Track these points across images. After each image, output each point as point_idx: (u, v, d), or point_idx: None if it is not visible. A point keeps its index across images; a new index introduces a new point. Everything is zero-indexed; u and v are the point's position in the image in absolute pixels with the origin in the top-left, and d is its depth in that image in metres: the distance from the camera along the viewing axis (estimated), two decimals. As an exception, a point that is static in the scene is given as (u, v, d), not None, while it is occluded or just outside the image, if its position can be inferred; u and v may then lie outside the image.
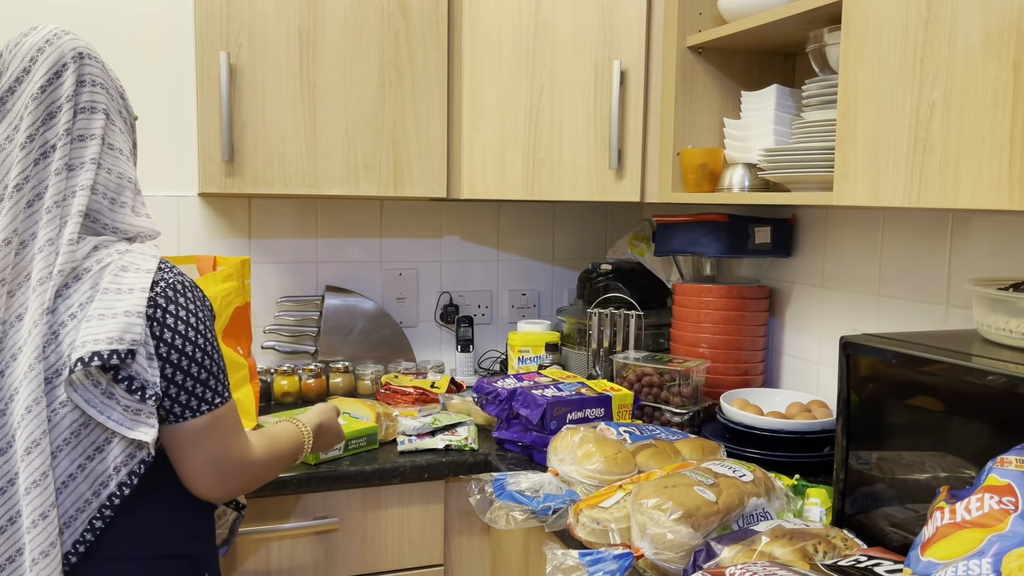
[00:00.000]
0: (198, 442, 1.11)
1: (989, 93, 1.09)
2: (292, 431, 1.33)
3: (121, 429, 1.04)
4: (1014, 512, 0.80)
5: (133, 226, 1.16)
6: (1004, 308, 1.13)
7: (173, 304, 1.09)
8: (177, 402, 1.09)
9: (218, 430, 1.12)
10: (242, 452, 1.15)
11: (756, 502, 1.26)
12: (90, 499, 1.06)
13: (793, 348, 1.99)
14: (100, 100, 1.14)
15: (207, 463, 1.11)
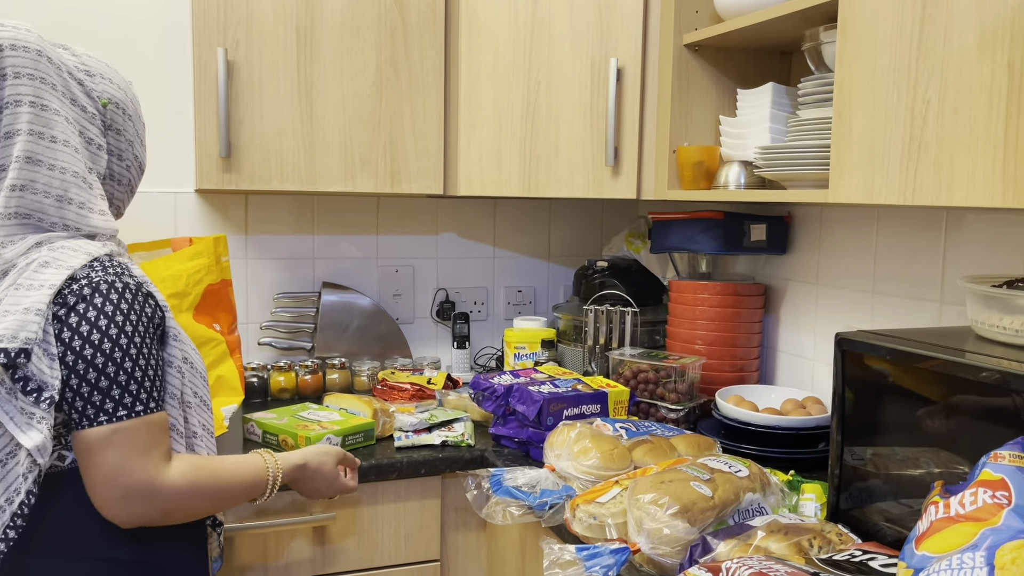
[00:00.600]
0: (96, 454, 1.01)
1: (983, 92, 1.10)
2: (249, 466, 1.19)
3: (16, 432, 0.98)
4: (1007, 506, 0.81)
5: (85, 224, 1.09)
6: (998, 305, 1.14)
7: (84, 303, 1.02)
8: (74, 408, 1.02)
9: (119, 445, 1.02)
10: (148, 474, 1.03)
11: (752, 497, 1.27)
12: (2, 506, 1.01)
13: (788, 345, 2.00)
14: (24, 92, 1.06)
15: (105, 480, 1.01)
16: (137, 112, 1.24)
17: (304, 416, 1.81)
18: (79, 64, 1.16)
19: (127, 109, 1.21)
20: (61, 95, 1.11)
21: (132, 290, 1.07)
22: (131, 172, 1.24)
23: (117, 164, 1.20)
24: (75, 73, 1.14)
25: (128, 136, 1.21)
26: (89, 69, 1.17)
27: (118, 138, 1.20)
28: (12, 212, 1.05)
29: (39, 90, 1.08)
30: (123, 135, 1.20)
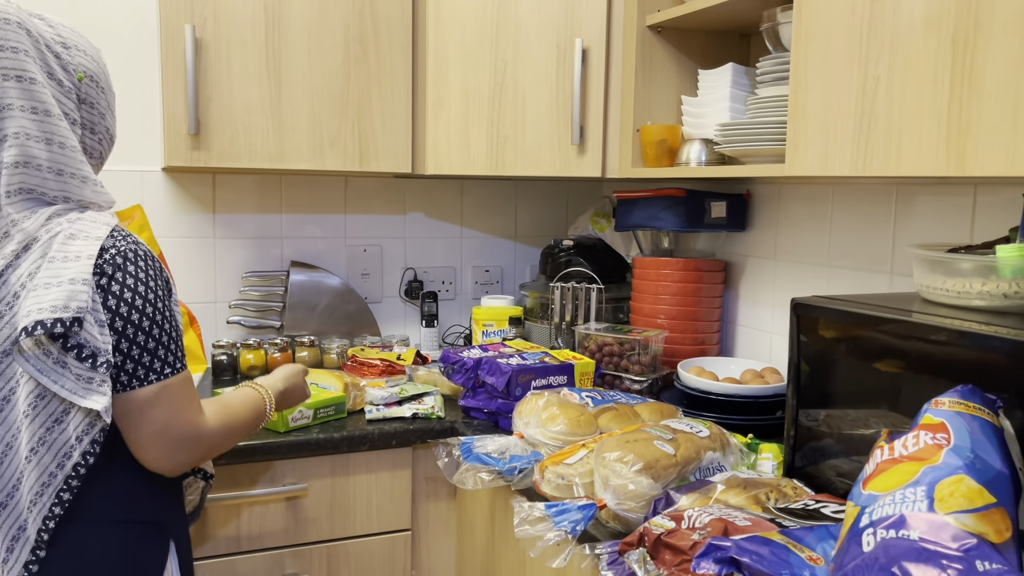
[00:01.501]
0: (146, 412, 1.08)
1: (929, 67, 1.16)
2: (252, 398, 1.29)
3: (74, 398, 1.02)
4: (947, 446, 0.87)
5: (85, 197, 1.12)
6: (942, 269, 1.21)
7: (121, 272, 1.07)
8: (124, 371, 1.06)
9: (167, 401, 1.09)
10: (194, 424, 1.11)
11: (712, 456, 1.32)
12: (55, 472, 1.05)
13: (747, 318, 2.07)
14: (9, 66, 1.06)
15: (156, 434, 1.08)
16: (108, 83, 1.23)
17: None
18: (55, 36, 1.15)
19: (100, 81, 1.20)
20: (40, 68, 1.10)
21: (149, 256, 1.12)
22: (103, 145, 1.24)
23: (90, 138, 1.20)
24: (52, 46, 1.13)
25: (100, 108, 1.20)
26: (65, 41, 1.16)
27: (91, 111, 1.19)
28: (16, 188, 1.07)
29: (23, 63, 1.08)
30: (96, 108, 1.20)
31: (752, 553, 0.90)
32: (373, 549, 1.80)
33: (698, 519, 1.03)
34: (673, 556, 1.00)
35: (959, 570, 0.74)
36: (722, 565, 0.91)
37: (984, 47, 1.08)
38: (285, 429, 1.70)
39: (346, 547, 1.77)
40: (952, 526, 0.78)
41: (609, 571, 1.11)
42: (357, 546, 1.78)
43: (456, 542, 1.89)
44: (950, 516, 0.79)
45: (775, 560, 0.89)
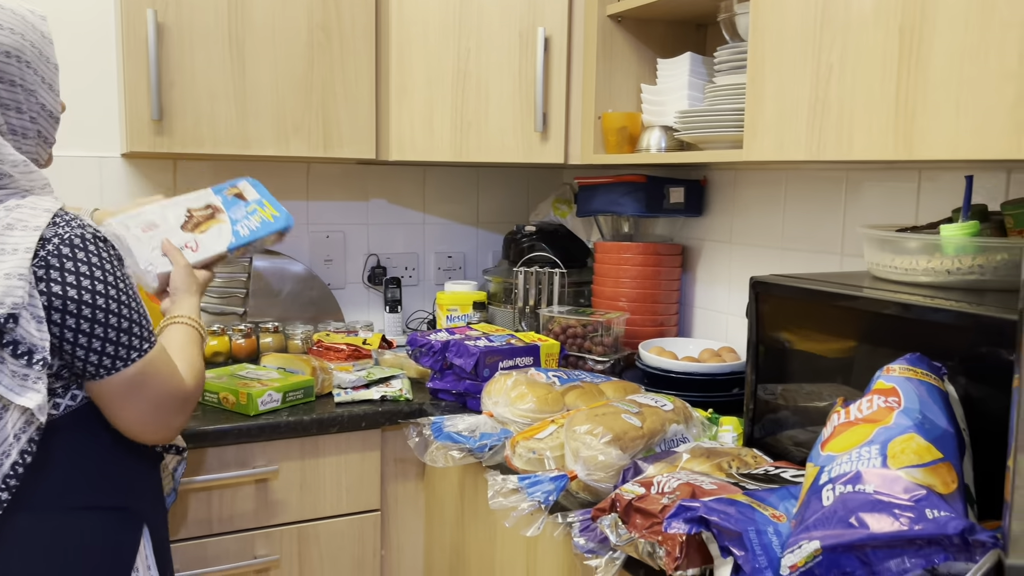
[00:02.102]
0: (134, 391, 1.08)
1: (878, 56, 1.23)
2: (190, 335, 1.25)
3: (9, 395, 0.99)
4: (898, 408, 0.93)
5: (17, 183, 1.07)
6: (891, 248, 1.28)
7: (70, 261, 1.04)
8: (89, 362, 1.05)
9: (153, 376, 1.10)
10: (180, 388, 1.14)
11: (676, 428, 1.38)
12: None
13: (704, 300, 2.14)
14: None
15: (150, 409, 1.10)
16: (41, 55, 1.13)
17: (243, 375, 1.84)
18: None
19: (24, 55, 1.10)
20: None
21: (98, 239, 1.08)
22: (38, 123, 1.15)
23: (16, 118, 1.12)
24: None
25: (27, 85, 1.11)
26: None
27: (12, 90, 1.10)
28: None
29: None
30: (20, 85, 1.11)
31: (720, 512, 0.95)
32: (343, 530, 1.82)
33: (667, 484, 1.09)
34: (644, 519, 1.05)
35: (911, 518, 0.81)
36: (692, 524, 0.96)
37: (929, 38, 1.15)
38: (255, 412, 1.71)
39: (316, 528, 1.79)
40: (904, 479, 0.85)
41: (581, 537, 1.16)
42: (327, 527, 1.81)
43: (425, 521, 1.93)
44: (902, 471, 0.86)
45: (741, 518, 0.95)
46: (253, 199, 1.52)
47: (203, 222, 1.44)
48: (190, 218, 1.44)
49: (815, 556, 0.83)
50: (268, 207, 1.51)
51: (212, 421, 1.67)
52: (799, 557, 0.84)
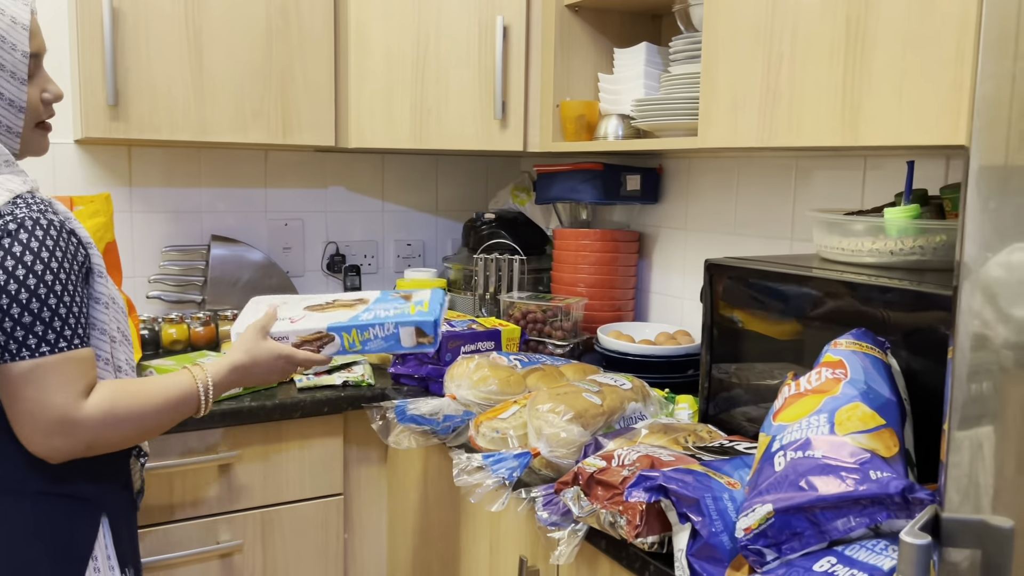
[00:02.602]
0: (18, 389, 1.03)
1: (826, 45, 1.28)
2: (176, 384, 1.17)
3: None
4: (844, 379, 0.99)
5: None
6: (838, 230, 1.34)
7: (10, 239, 1.02)
8: (4, 339, 1.02)
9: (39, 380, 1.02)
10: (64, 408, 1.04)
11: (635, 406, 1.43)
12: None
13: (660, 285, 2.19)
14: None
15: (26, 414, 1.03)
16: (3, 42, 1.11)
17: (204, 362, 1.83)
18: None
19: None
20: None
21: (56, 227, 1.06)
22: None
23: None
24: None
25: None
26: None
27: None
28: None
29: None
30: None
31: (678, 480, 1.00)
32: (306, 514, 1.84)
33: (627, 457, 1.13)
34: (605, 491, 1.09)
35: (856, 479, 0.86)
36: (651, 493, 1.01)
37: (873, 29, 1.21)
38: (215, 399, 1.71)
39: (279, 513, 1.80)
40: (850, 445, 0.90)
41: (545, 511, 1.19)
42: (290, 512, 1.82)
43: (388, 504, 1.95)
44: (848, 437, 0.91)
45: (698, 485, 0.99)
46: (416, 300, 1.36)
47: (336, 308, 1.33)
48: (330, 304, 1.34)
49: (768, 518, 0.88)
50: (424, 305, 1.34)
51: (174, 407, 1.67)
52: (753, 520, 0.89)
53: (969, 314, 0.73)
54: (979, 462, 0.73)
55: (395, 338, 1.30)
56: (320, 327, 1.28)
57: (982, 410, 0.72)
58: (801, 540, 0.88)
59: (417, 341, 1.30)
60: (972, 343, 0.73)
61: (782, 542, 0.88)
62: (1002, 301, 0.71)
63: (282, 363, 1.27)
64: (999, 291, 0.71)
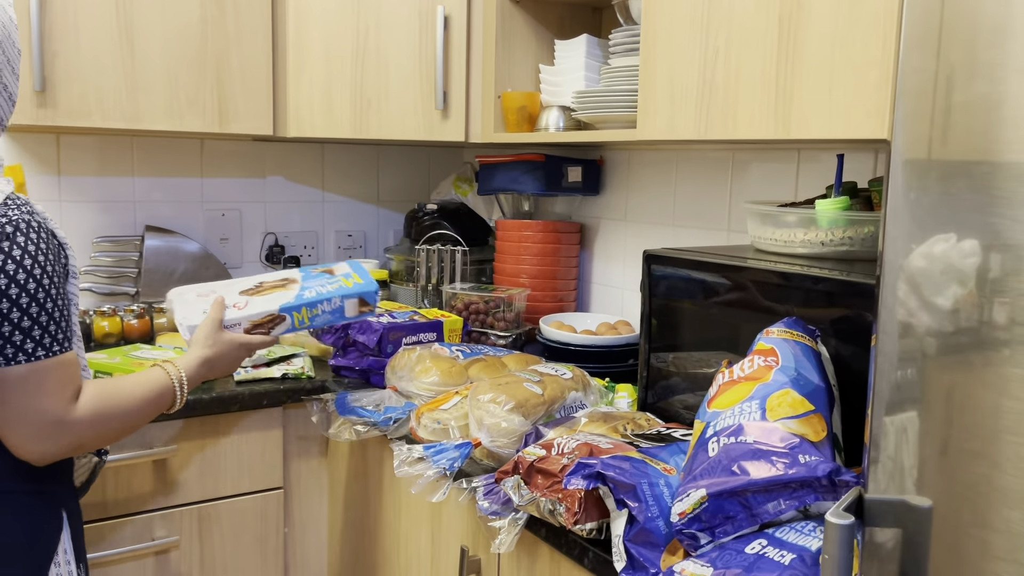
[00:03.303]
0: (9, 394, 1.02)
1: (759, 41, 1.31)
2: (154, 381, 1.19)
3: None
4: (775, 367, 1.01)
5: None
6: (771, 221, 1.37)
7: (8, 242, 1.01)
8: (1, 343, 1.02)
9: (32, 385, 1.03)
10: (57, 411, 1.05)
11: (575, 395, 1.44)
12: None
13: (601, 276, 2.22)
14: None
15: (17, 419, 1.03)
16: (9, 38, 1.09)
17: (138, 355, 1.79)
18: None
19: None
20: None
21: (45, 229, 1.05)
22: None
23: None
24: None
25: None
26: None
27: None
28: None
29: None
30: None
31: (615, 468, 1.01)
32: (245, 508, 1.81)
33: (566, 445, 1.14)
34: (545, 479, 1.10)
35: (786, 463, 0.88)
36: (590, 480, 1.02)
37: (805, 26, 1.24)
38: (151, 392, 1.67)
39: (217, 508, 1.78)
40: (780, 430, 0.93)
41: (485, 500, 1.20)
42: (228, 506, 1.79)
43: (329, 497, 1.94)
44: (778, 422, 0.94)
45: (635, 472, 1.01)
46: (342, 273, 1.41)
47: (269, 290, 1.36)
48: (259, 287, 1.37)
49: (702, 503, 0.90)
50: (355, 277, 1.40)
51: (106, 402, 1.62)
52: (687, 504, 0.91)
53: (890, 303, 0.76)
54: (904, 445, 0.76)
55: (340, 311, 1.38)
56: (271, 309, 1.33)
57: (907, 396, 0.75)
58: (734, 523, 0.90)
59: (359, 311, 1.40)
60: (896, 331, 0.76)
61: (715, 526, 0.90)
62: (925, 291, 0.74)
63: (243, 351, 1.32)
64: (922, 281, 0.74)
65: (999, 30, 0.68)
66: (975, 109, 0.70)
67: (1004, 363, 0.68)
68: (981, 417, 0.70)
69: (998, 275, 0.69)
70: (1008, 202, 0.68)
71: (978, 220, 0.70)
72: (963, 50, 0.71)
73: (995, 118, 0.68)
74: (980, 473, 0.71)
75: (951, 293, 0.72)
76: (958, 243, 0.72)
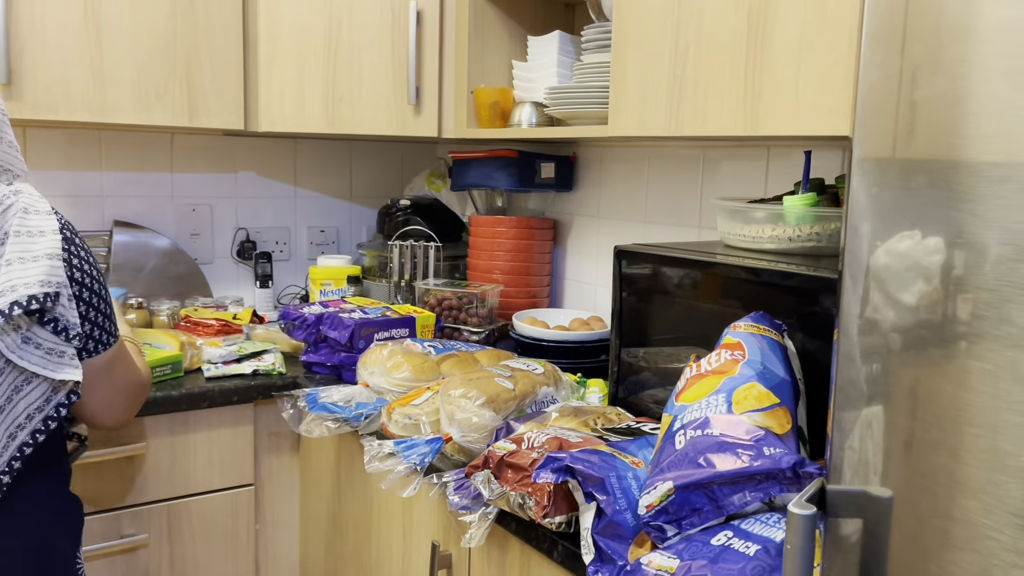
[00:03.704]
0: (107, 373, 1.13)
1: (729, 38, 1.32)
2: (131, 346, 1.30)
3: (50, 373, 1.03)
4: (742, 360, 1.02)
5: (14, 165, 1.10)
6: (740, 218, 1.38)
7: (75, 245, 1.09)
8: (91, 338, 1.10)
9: (123, 359, 1.16)
10: (141, 376, 1.21)
11: (546, 390, 1.45)
12: (6, 442, 1.03)
13: (574, 272, 2.22)
14: None
15: (120, 391, 1.15)
16: None
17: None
18: None
19: None
20: None
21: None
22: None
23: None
24: None
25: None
26: None
27: None
28: None
29: None
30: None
31: (584, 461, 1.02)
32: (215, 505, 1.80)
33: (536, 439, 1.15)
34: (515, 473, 1.10)
35: (751, 455, 0.89)
36: (558, 473, 1.03)
37: (773, 24, 1.25)
38: (119, 389, 1.66)
39: (187, 505, 1.76)
40: (746, 423, 0.94)
41: (456, 495, 1.20)
42: (199, 503, 1.77)
43: (300, 493, 1.93)
44: (744, 415, 0.95)
45: (604, 465, 1.02)
46: None
47: None
48: None
49: (669, 495, 0.91)
50: None
51: (73, 399, 1.60)
52: (655, 497, 0.92)
53: (851, 298, 0.77)
54: (866, 438, 0.77)
55: None
56: None
57: (872, 390, 0.76)
58: (700, 515, 0.91)
59: None
60: (858, 326, 0.77)
61: (682, 518, 0.91)
62: (890, 287, 0.75)
63: None
64: (887, 277, 0.75)
65: (962, 26, 0.69)
66: (938, 106, 0.71)
67: (966, 356, 0.70)
68: (943, 409, 0.72)
69: (961, 272, 0.70)
70: (970, 198, 0.69)
71: (942, 217, 0.71)
72: (927, 47, 0.71)
73: (957, 114, 0.69)
74: (940, 464, 0.72)
75: (916, 289, 0.73)
76: (923, 240, 0.73)
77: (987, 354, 0.68)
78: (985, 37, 0.67)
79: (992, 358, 0.67)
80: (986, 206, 0.68)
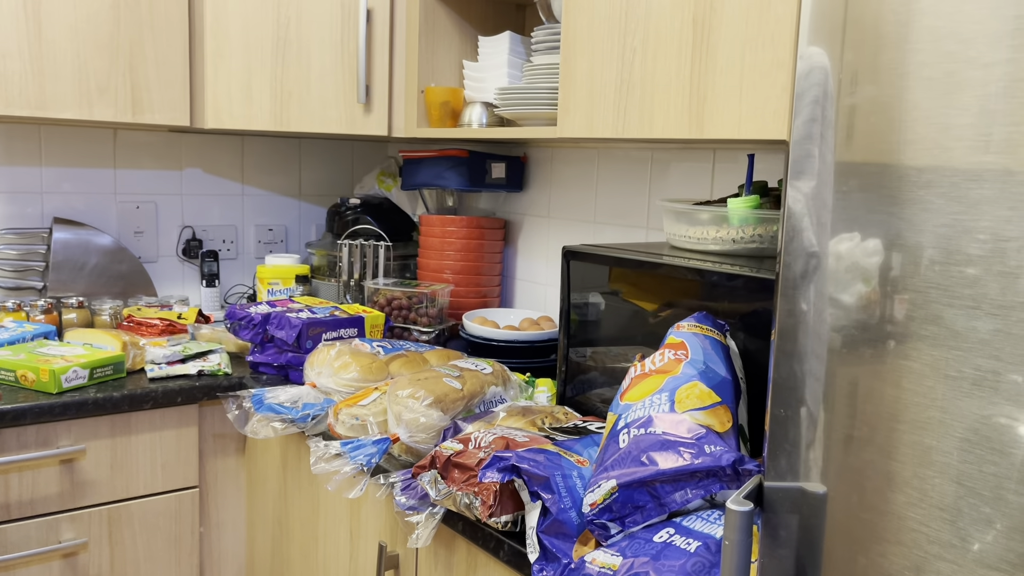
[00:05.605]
0: None
1: (675, 42, 1.34)
2: None
3: None
4: (685, 360, 1.04)
5: None
6: (686, 219, 1.40)
7: None
8: None
9: None
10: None
11: (495, 390, 1.45)
12: None
13: (524, 272, 2.23)
14: None
15: None
16: None
17: (44, 351, 1.73)
18: None
19: None
20: None
21: None
22: None
23: None
24: None
25: None
26: None
27: None
28: None
29: None
30: None
31: (529, 460, 1.02)
32: (158, 508, 1.76)
33: (483, 439, 1.15)
34: (462, 473, 1.11)
35: (692, 453, 0.91)
36: (505, 473, 1.03)
37: (718, 28, 1.27)
38: (58, 390, 1.62)
39: (129, 508, 1.72)
40: (688, 421, 0.95)
41: (403, 496, 1.20)
42: (141, 506, 1.74)
43: (247, 495, 1.90)
44: (686, 414, 0.96)
45: (549, 464, 1.02)
46: None
47: None
48: None
49: (612, 493, 0.92)
50: None
51: (8, 400, 1.56)
52: (598, 495, 0.93)
53: (789, 299, 0.79)
54: (803, 436, 0.79)
55: None
56: None
57: (806, 388, 0.78)
58: (643, 513, 0.93)
59: None
60: (795, 326, 0.79)
61: (625, 515, 0.93)
62: (828, 287, 0.77)
63: None
64: (826, 278, 0.77)
65: (895, 34, 0.71)
66: (872, 111, 0.73)
67: (895, 356, 0.72)
68: (876, 407, 0.74)
69: (898, 273, 0.72)
70: (899, 202, 0.71)
71: (879, 220, 0.73)
72: (865, 52, 0.73)
73: (894, 119, 0.71)
74: (870, 460, 0.74)
75: (856, 290, 0.75)
76: (862, 242, 0.75)
77: (914, 353, 0.70)
78: (914, 46, 0.69)
79: (918, 357, 0.70)
80: (913, 210, 0.70)
